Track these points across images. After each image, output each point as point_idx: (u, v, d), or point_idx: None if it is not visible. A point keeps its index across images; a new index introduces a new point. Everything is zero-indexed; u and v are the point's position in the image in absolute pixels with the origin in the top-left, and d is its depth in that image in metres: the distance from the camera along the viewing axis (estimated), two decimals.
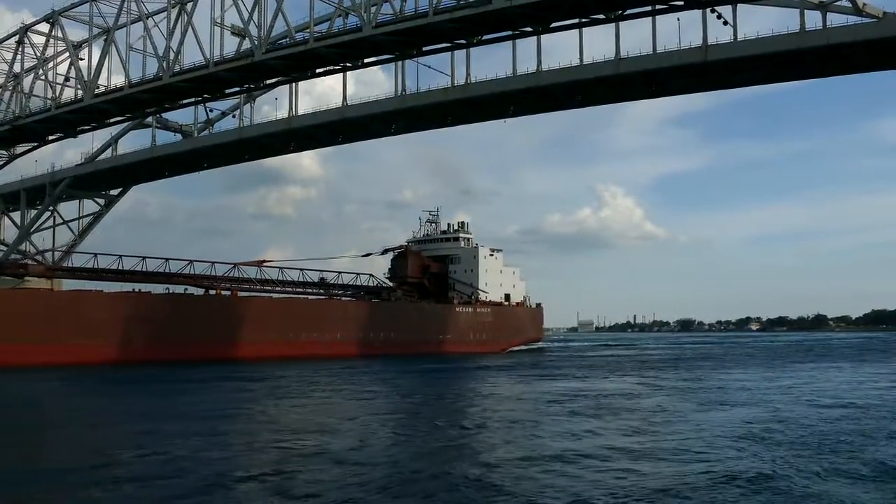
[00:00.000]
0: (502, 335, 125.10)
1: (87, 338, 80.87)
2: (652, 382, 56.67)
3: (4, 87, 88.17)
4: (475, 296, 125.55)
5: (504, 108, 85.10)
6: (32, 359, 74.27)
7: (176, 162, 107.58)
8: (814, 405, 39.61)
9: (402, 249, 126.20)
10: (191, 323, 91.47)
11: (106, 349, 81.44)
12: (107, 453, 25.82)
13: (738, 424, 31.64)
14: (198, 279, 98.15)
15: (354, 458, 24.79)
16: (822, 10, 63.38)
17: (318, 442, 28.25)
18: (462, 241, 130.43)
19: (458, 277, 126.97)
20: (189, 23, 72.53)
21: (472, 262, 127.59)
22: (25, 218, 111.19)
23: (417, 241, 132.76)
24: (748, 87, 79.15)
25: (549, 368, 78.24)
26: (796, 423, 32.00)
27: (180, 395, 50.20)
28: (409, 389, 54.36)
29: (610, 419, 34.41)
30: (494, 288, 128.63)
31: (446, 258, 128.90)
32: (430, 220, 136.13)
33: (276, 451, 26.47)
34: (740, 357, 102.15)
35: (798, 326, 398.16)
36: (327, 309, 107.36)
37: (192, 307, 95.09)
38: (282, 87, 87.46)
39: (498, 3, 56.42)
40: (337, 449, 26.46)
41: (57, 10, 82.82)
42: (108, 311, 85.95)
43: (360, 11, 62.97)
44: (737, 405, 39.81)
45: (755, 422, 32.52)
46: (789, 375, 65.09)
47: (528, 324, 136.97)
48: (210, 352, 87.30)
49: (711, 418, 34.42)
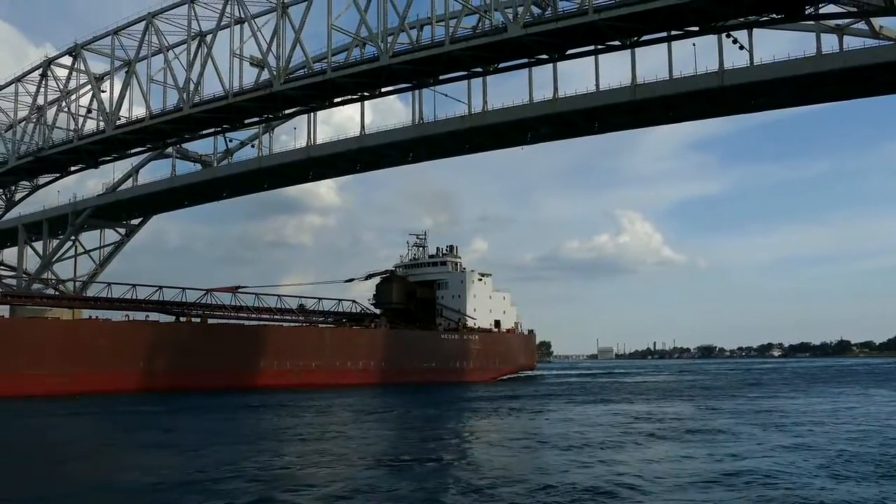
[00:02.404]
0: (491, 363, 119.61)
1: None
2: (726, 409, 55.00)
3: (28, 120, 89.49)
4: (462, 322, 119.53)
5: (521, 136, 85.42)
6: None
7: (196, 191, 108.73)
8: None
9: (387, 274, 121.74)
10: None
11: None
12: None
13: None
14: (167, 306, 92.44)
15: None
16: (839, 33, 63.41)
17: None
18: (450, 266, 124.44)
19: (446, 303, 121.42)
20: (209, 54, 73.53)
21: (460, 286, 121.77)
22: (48, 248, 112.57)
23: (404, 265, 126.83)
24: (767, 110, 78.83)
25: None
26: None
27: (260, 418, 50.72)
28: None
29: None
30: (483, 314, 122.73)
31: (434, 283, 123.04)
32: (417, 244, 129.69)
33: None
34: (782, 382, 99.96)
35: (821, 352, 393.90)
36: (306, 336, 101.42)
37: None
38: (300, 117, 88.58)
39: (513, 32, 56.78)
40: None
41: (79, 44, 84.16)
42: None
43: (377, 41, 63.56)
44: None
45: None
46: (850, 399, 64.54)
47: (519, 351, 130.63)
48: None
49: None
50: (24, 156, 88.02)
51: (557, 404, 63.02)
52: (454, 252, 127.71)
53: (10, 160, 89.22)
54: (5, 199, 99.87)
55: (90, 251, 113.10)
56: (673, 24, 54.82)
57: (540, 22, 56.75)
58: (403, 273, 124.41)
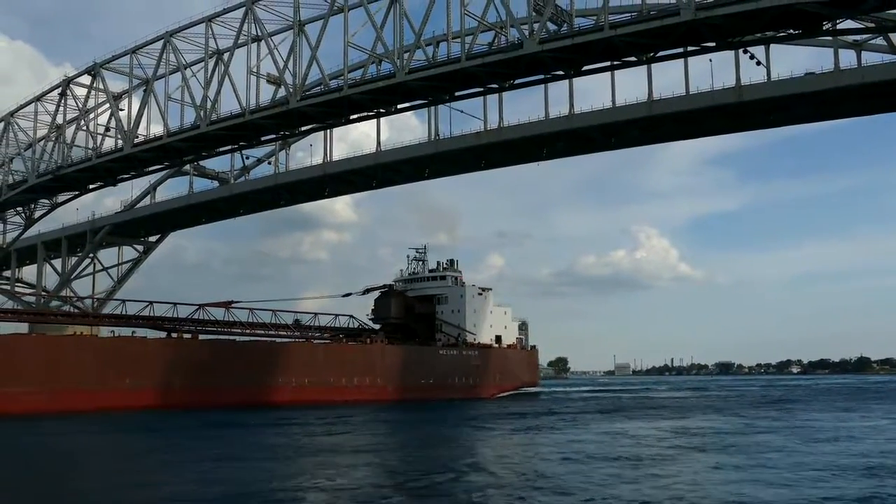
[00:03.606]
0: (491, 379, 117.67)
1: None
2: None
3: (47, 138, 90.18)
4: (462, 337, 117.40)
5: (538, 151, 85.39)
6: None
7: (213, 208, 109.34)
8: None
9: (385, 289, 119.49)
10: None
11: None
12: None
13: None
14: (157, 322, 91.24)
15: None
16: (857, 48, 63.17)
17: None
18: (449, 280, 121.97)
19: (445, 318, 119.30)
20: (226, 72, 73.91)
21: (459, 301, 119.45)
22: (66, 265, 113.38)
23: (403, 280, 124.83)
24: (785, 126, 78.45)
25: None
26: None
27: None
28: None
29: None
30: (483, 329, 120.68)
31: (433, 298, 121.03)
32: (416, 258, 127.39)
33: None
34: (826, 399, 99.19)
35: (841, 369, 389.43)
36: (298, 353, 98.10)
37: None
38: (316, 134, 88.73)
39: (529, 48, 56.76)
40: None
41: (98, 63, 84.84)
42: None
43: (393, 58, 63.70)
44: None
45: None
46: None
47: (520, 367, 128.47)
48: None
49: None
50: (43, 174, 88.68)
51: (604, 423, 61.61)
52: (455, 266, 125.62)
53: (30, 178, 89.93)
54: (25, 217, 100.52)
55: (108, 268, 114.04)
56: (690, 40, 54.67)
57: (556, 38, 56.72)
58: (402, 288, 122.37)
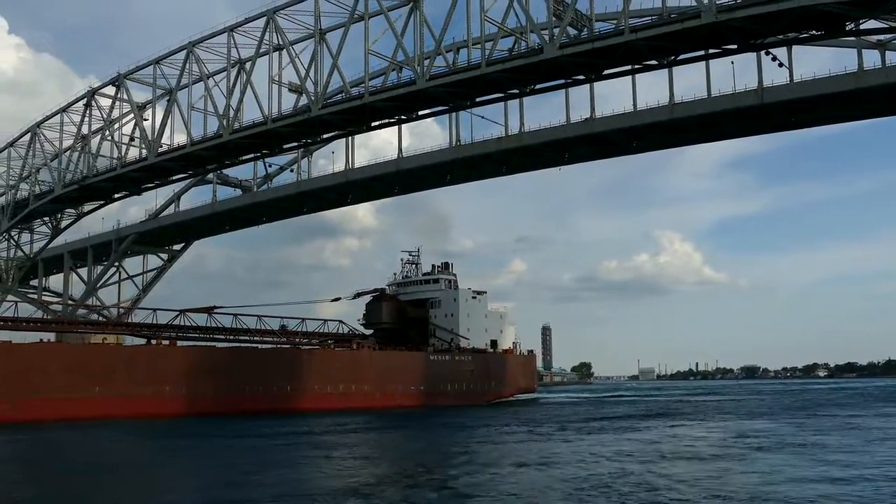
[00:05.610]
0: (486, 386, 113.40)
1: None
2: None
3: (73, 149, 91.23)
4: (455, 342, 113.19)
5: (559, 156, 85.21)
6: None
7: (236, 216, 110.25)
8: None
9: (376, 293, 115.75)
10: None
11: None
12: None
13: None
14: (135, 328, 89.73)
15: None
16: (881, 48, 62.54)
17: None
18: (443, 283, 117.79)
19: (439, 323, 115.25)
20: (248, 81, 74.48)
21: (453, 305, 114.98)
22: (92, 274, 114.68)
23: (396, 283, 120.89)
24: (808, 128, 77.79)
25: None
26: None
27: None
28: None
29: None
30: (478, 333, 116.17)
31: (426, 302, 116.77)
32: (410, 261, 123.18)
33: None
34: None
35: (868, 373, 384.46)
36: (283, 359, 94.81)
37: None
38: (338, 141, 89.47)
39: (550, 53, 56.73)
40: None
41: (122, 74, 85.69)
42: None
43: (413, 65, 63.91)
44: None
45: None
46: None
47: (517, 373, 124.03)
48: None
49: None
50: (69, 184, 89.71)
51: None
52: (449, 269, 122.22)
53: (56, 189, 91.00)
54: (51, 227, 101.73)
55: (133, 276, 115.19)
56: (711, 42, 54.44)
57: (576, 43, 56.67)
58: (394, 291, 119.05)
